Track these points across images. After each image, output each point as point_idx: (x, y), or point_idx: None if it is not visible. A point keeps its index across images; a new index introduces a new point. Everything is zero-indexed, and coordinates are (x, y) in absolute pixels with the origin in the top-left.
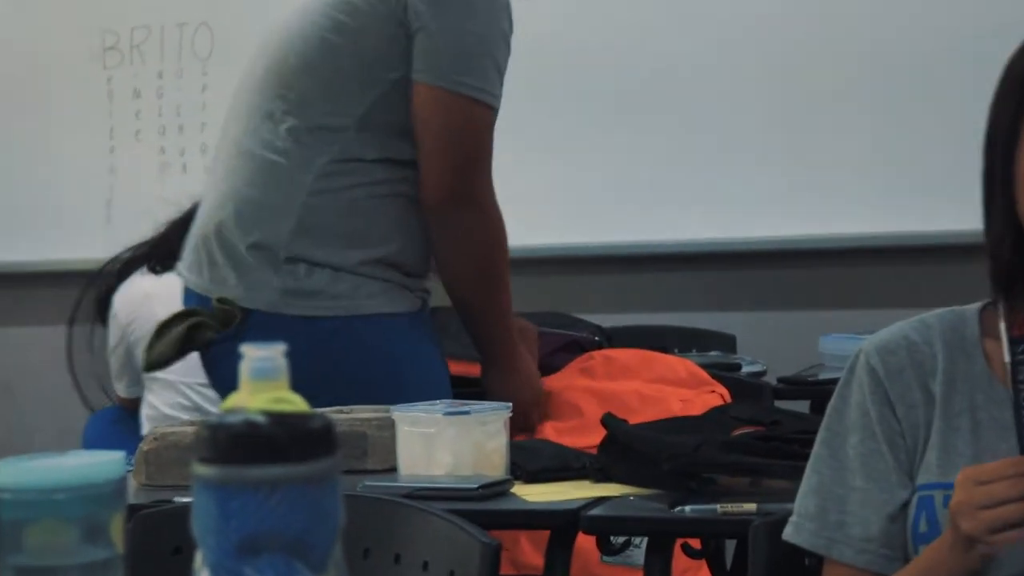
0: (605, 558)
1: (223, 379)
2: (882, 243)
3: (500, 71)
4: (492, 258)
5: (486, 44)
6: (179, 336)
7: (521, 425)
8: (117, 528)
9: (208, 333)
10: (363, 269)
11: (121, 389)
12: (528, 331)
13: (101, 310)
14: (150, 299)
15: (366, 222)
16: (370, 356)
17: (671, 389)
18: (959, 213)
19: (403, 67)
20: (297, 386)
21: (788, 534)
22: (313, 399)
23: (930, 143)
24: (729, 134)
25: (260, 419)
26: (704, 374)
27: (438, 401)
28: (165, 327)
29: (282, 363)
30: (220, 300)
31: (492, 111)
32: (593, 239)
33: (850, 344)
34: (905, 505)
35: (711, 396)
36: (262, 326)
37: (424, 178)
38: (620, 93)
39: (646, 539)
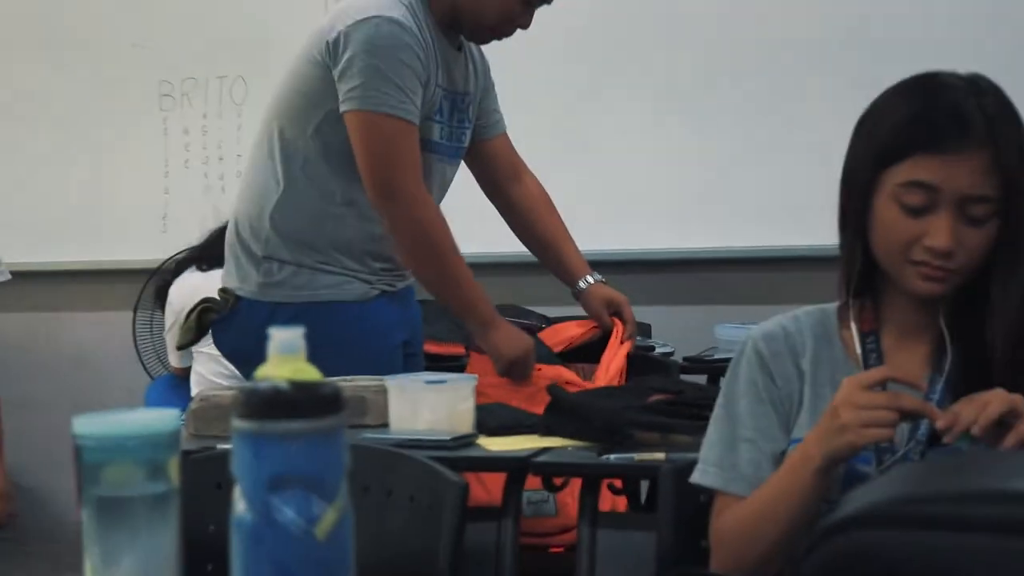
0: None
1: (222, 349)
2: (762, 254)
3: (403, 89)
4: (425, 241)
5: (385, 72)
6: (194, 320)
7: (512, 374)
8: (174, 468)
9: (211, 315)
10: (319, 265)
11: (174, 361)
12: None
13: (159, 299)
14: (198, 291)
15: (311, 227)
16: (318, 337)
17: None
18: (823, 231)
19: (333, 102)
20: (243, 353)
21: (695, 478)
22: (245, 366)
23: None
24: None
25: (284, 385)
26: None
27: (422, 373)
28: (188, 315)
29: (301, 343)
30: (221, 290)
31: (398, 120)
32: None
33: (738, 332)
34: (783, 452)
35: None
36: (246, 309)
37: (364, 183)
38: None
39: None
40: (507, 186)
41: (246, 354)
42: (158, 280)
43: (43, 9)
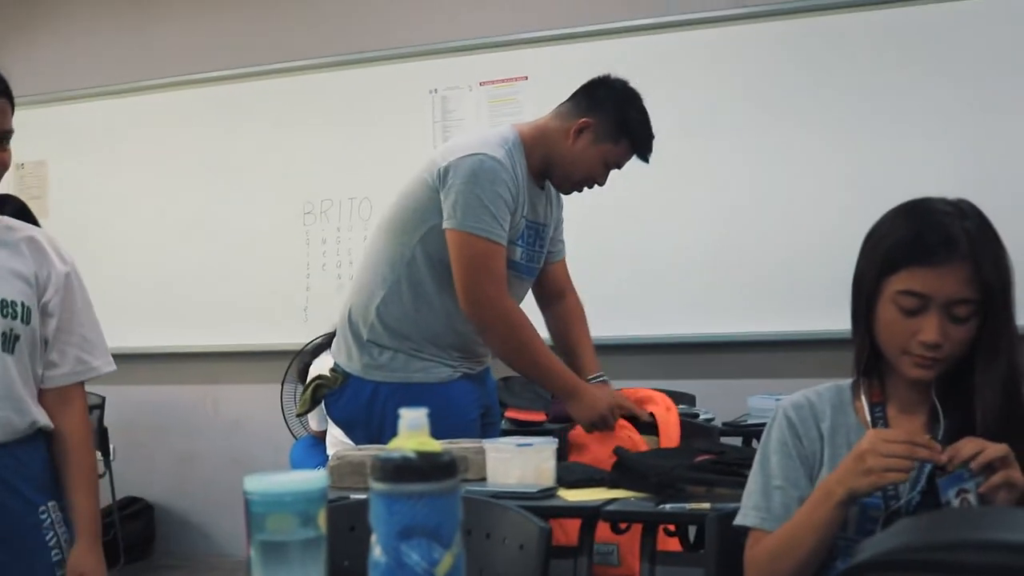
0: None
1: (332, 417)
2: (784, 338)
3: (496, 216)
4: (512, 339)
5: (482, 200)
6: (309, 394)
7: (597, 429)
8: (322, 518)
9: (324, 390)
10: (413, 352)
11: (314, 425)
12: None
13: (302, 375)
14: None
15: (411, 322)
16: (397, 409)
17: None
18: (839, 318)
19: (437, 217)
20: (351, 421)
21: (738, 520)
22: (352, 431)
23: (816, 277)
24: (673, 261)
25: (412, 455)
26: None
27: (513, 437)
28: (305, 389)
29: (425, 420)
30: (332, 369)
31: (490, 243)
32: (613, 333)
33: (767, 402)
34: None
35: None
36: (353, 386)
37: (456, 292)
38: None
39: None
40: (554, 301)
41: (353, 422)
42: (300, 360)
43: (210, 143)
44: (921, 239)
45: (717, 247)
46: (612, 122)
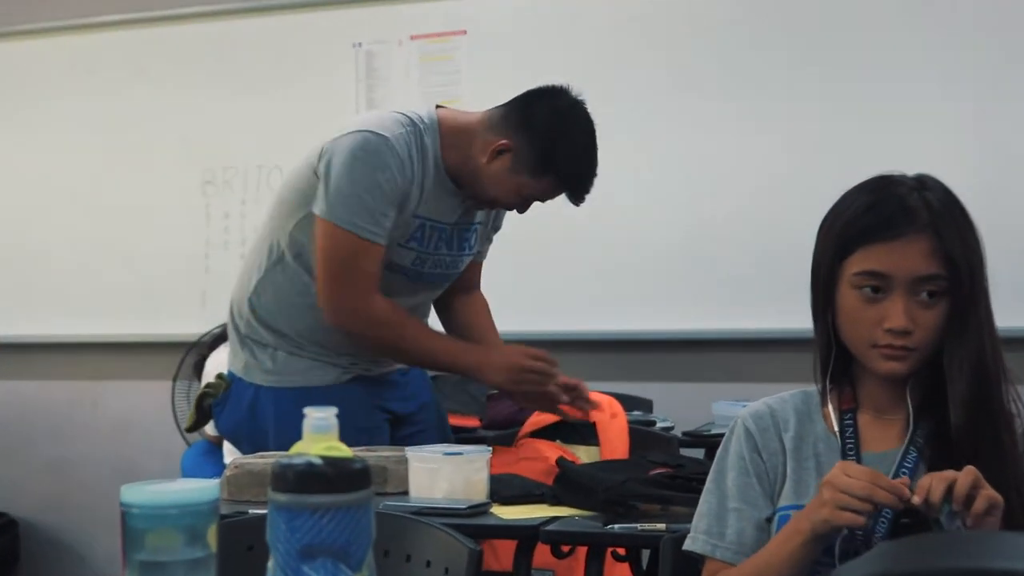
0: None
1: (218, 425)
2: (754, 336)
3: (370, 210)
4: (382, 345)
5: (355, 188)
6: (195, 406)
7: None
8: (212, 534)
9: (209, 399)
10: (293, 352)
11: (209, 428)
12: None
13: (197, 370)
14: None
15: (287, 316)
16: (287, 421)
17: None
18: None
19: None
20: (236, 432)
21: (687, 545)
22: (239, 444)
23: (789, 269)
24: (629, 247)
25: (317, 461)
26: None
27: (440, 445)
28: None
29: (334, 421)
30: (219, 376)
31: (360, 240)
32: (558, 328)
33: (734, 408)
34: (768, 520)
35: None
36: (236, 390)
37: (318, 295)
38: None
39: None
40: (456, 295)
41: (237, 434)
42: (196, 353)
43: (102, 104)
44: (875, 212)
45: (681, 232)
46: (536, 152)
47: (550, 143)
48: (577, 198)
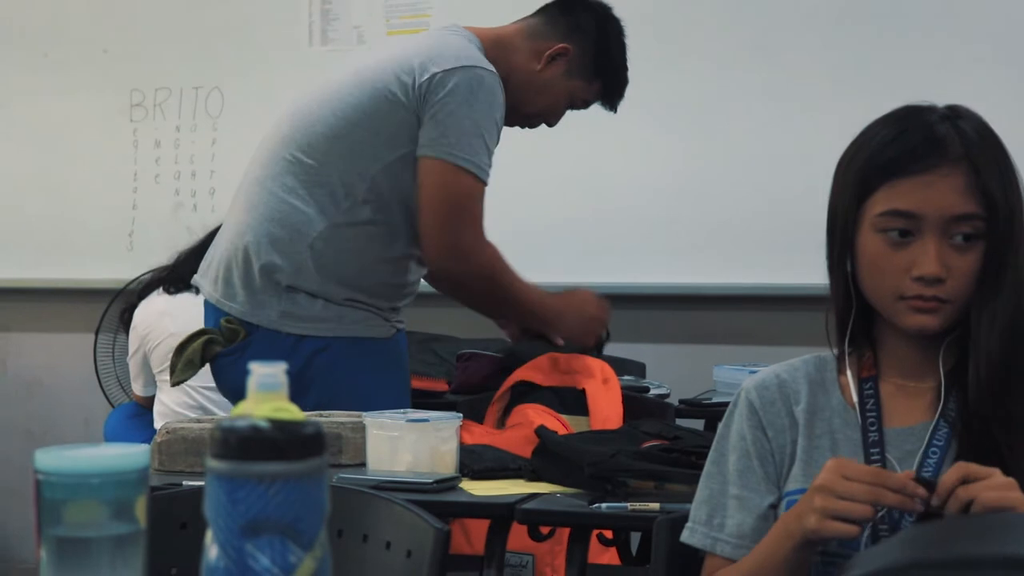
0: None
1: (228, 385)
2: (763, 292)
3: (489, 151)
4: (498, 296)
5: (479, 128)
6: (197, 353)
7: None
8: (141, 508)
9: (216, 348)
10: (347, 303)
11: (138, 389)
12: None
13: (124, 322)
14: (164, 315)
15: (357, 269)
16: (344, 370)
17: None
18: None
19: (410, 145)
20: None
21: (684, 537)
22: (297, 401)
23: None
24: (642, 205)
25: (263, 424)
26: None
27: (402, 410)
28: (183, 346)
29: (283, 378)
30: (227, 320)
31: (478, 182)
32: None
33: (738, 374)
34: (773, 507)
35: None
36: (263, 340)
37: (422, 237)
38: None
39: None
40: None
41: None
42: (122, 302)
43: (5, 10)
44: (901, 143)
45: (676, 170)
46: (591, 56)
47: (604, 46)
48: (616, 103)
